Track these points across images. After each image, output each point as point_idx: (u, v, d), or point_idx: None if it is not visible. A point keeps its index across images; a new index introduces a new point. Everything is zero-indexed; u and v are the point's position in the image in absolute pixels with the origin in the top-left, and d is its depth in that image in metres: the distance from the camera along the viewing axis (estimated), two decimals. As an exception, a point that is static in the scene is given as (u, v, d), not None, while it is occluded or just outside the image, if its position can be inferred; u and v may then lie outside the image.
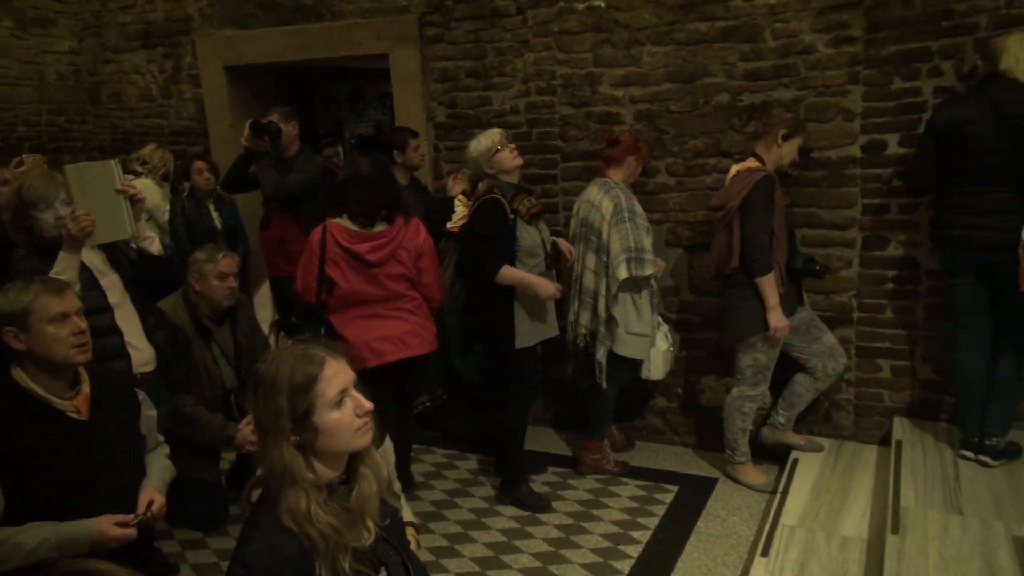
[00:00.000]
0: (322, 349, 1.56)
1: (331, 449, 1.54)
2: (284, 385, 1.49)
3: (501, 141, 3.43)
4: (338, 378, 1.53)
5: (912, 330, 3.58)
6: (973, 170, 3.00)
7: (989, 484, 3.02)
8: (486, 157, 3.43)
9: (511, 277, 3.32)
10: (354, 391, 1.56)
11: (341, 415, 1.52)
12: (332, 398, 1.51)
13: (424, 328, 3.37)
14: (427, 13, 4.32)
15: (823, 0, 3.44)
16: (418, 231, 3.33)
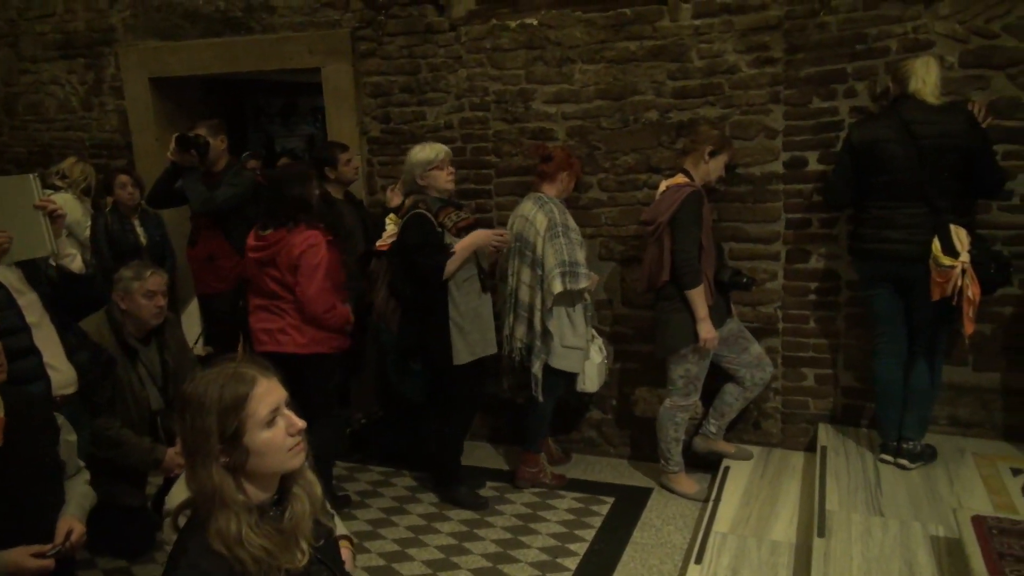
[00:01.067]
0: (253, 368, 1.53)
1: (263, 470, 1.50)
2: (213, 405, 1.46)
3: (444, 159, 3.44)
4: (269, 397, 1.50)
5: (834, 339, 3.73)
6: (887, 186, 3.15)
7: (907, 486, 3.16)
8: (422, 168, 3.43)
9: (456, 262, 3.35)
10: (286, 410, 1.53)
11: (273, 435, 1.49)
12: (263, 418, 1.48)
13: (297, 329, 3.36)
14: (359, 28, 4.30)
15: (745, 22, 3.57)
16: (299, 244, 3.27)
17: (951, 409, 3.57)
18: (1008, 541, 2.44)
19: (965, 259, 2.98)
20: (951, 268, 2.98)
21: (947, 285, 3.00)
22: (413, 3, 4.15)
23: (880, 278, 3.28)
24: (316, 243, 3.29)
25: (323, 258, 3.29)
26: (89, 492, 2.37)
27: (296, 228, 3.30)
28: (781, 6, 3.51)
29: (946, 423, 3.58)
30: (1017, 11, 3.19)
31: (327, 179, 4.00)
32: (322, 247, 3.30)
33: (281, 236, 3.30)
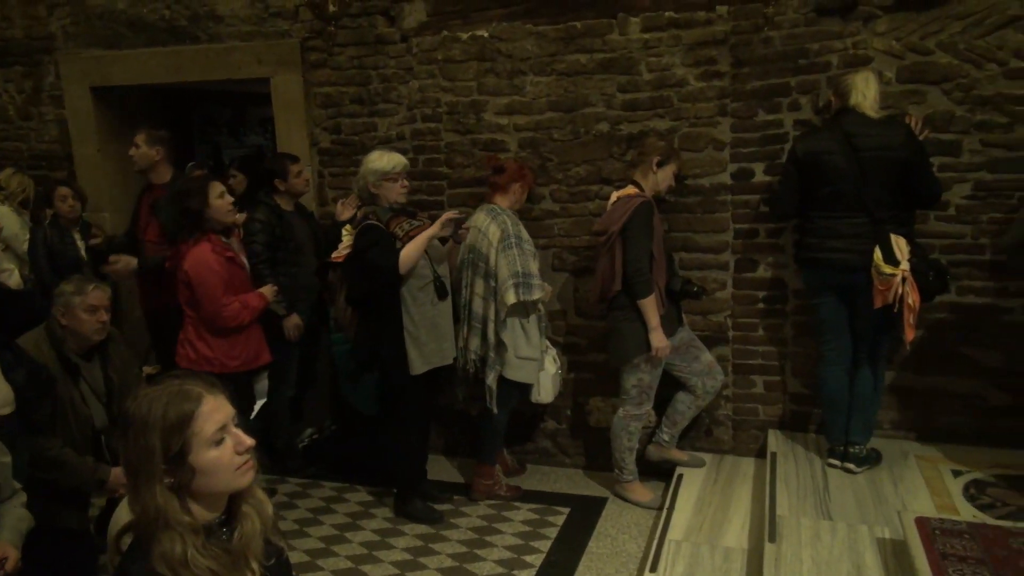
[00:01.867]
0: (199, 384, 1.49)
1: (210, 490, 1.47)
2: (156, 423, 1.41)
3: (400, 172, 3.44)
4: (216, 415, 1.46)
5: (782, 347, 3.80)
6: (830, 197, 3.23)
7: (854, 490, 3.23)
8: (376, 176, 3.41)
9: (412, 251, 3.31)
10: (234, 428, 1.50)
11: (220, 453, 1.45)
12: (210, 436, 1.44)
13: (189, 345, 3.45)
14: (309, 38, 4.26)
15: (692, 37, 3.64)
16: (188, 260, 3.35)
17: (894, 413, 3.67)
18: (950, 541, 2.51)
19: (905, 267, 3.07)
20: (892, 276, 3.06)
21: (888, 293, 3.08)
22: (363, 14, 4.13)
23: (825, 286, 3.36)
24: (202, 258, 3.33)
25: (212, 271, 3.33)
26: (25, 515, 2.28)
27: (189, 242, 3.35)
28: (727, 21, 3.58)
29: (890, 427, 3.68)
30: (950, 29, 3.32)
31: (277, 191, 3.95)
32: (209, 260, 3.33)
33: (179, 250, 3.38)
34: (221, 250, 3.41)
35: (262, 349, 3.65)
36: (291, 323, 3.91)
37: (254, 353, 3.59)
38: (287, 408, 4.18)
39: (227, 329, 3.44)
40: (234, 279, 3.46)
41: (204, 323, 3.44)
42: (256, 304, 3.53)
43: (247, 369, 3.58)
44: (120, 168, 4.76)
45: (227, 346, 3.47)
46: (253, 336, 3.59)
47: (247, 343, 3.55)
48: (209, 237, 3.39)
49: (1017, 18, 3.23)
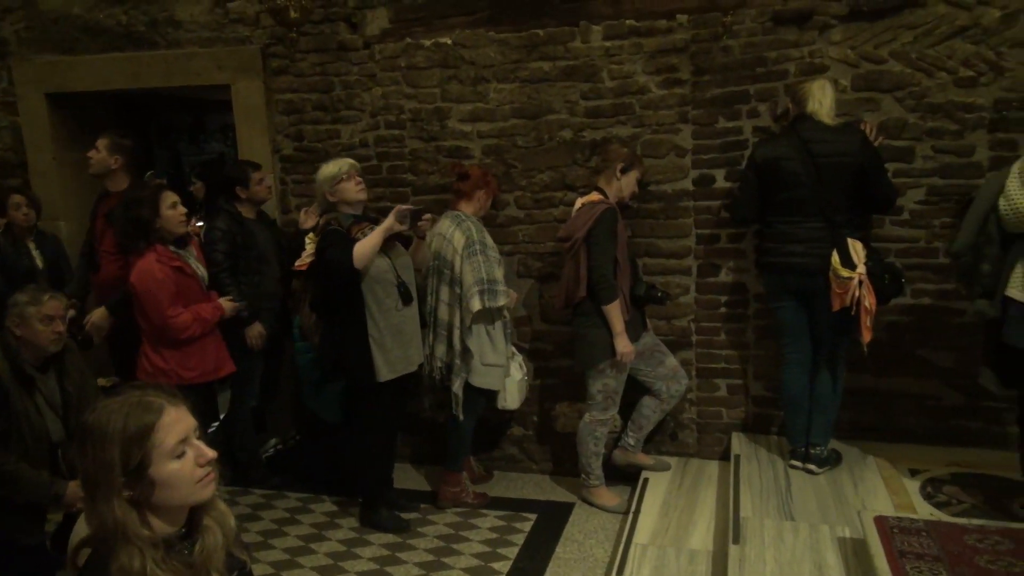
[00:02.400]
0: (161, 395, 1.46)
1: (170, 503, 1.44)
2: (116, 435, 1.39)
3: (348, 171, 3.40)
4: (178, 426, 1.44)
5: (744, 350, 3.86)
6: (788, 202, 3.29)
7: (815, 490, 3.28)
8: (329, 184, 3.40)
9: (367, 245, 3.24)
10: (195, 439, 1.47)
11: (181, 466, 1.43)
12: (171, 448, 1.42)
13: (146, 357, 3.43)
14: (270, 44, 4.23)
15: (653, 45, 3.69)
16: (134, 272, 3.33)
17: (853, 414, 3.73)
18: (908, 539, 2.57)
19: (862, 271, 3.13)
20: (849, 279, 3.13)
21: (846, 296, 3.14)
22: (326, 20, 4.11)
23: (785, 290, 3.41)
24: (147, 269, 3.30)
25: (157, 282, 3.30)
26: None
27: (136, 252, 3.34)
28: (687, 30, 3.63)
29: (849, 428, 3.75)
30: (902, 38, 3.41)
31: (238, 199, 3.91)
32: (154, 271, 3.30)
33: (129, 261, 3.37)
34: (168, 260, 3.37)
35: (223, 361, 3.60)
36: (254, 332, 3.86)
37: (213, 365, 3.54)
38: (250, 418, 4.13)
39: (180, 340, 3.39)
40: (185, 290, 3.42)
41: (156, 335, 3.39)
42: (209, 316, 3.48)
43: (207, 381, 3.53)
44: (76, 176, 4.66)
45: (182, 357, 3.43)
46: (211, 347, 3.55)
47: (204, 354, 3.50)
48: (156, 248, 3.35)
49: (965, 28, 3.33)
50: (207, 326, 3.48)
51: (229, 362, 3.62)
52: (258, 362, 4.00)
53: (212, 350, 3.55)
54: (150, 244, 3.35)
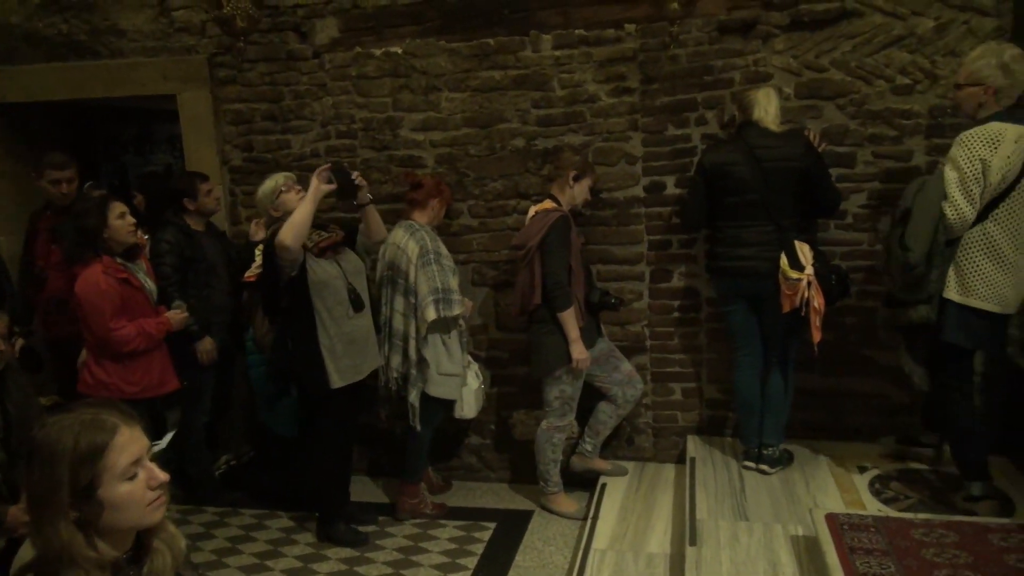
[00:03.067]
0: (115, 414, 1.41)
1: (118, 526, 1.40)
2: (66, 454, 1.33)
3: (285, 184, 3.41)
4: (131, 447, 1.39)
5: (697, 354, 3.91)
6: (737, 207, 3.35)
7: (769, 490, 3.34)
8: (270, 200, 3.40)
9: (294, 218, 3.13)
10: (148, 461, 1.43)
11: (132, 488, 1.38)
12: (123, 469, 1.37)
13: (87, 370, 3.36)
14: (217, 54, 4.17)
15: (602, 54, 3.73)
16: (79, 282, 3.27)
17: (804, 414, 3.81)
18: (857, 536, 2.63)
19: (810, 272, 3.20)
20: (798, 281, 3.20)
21: (795, 297, 3.21)
22: (274, 30, 4.07)
23: (736, 294, 3.47)
24: (92, 280, 3.24)
25: (100, 293, 3.23)
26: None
27: (82, 263, 3.27)
28: (635, 39, 3.69)
29: (800, 427, 3.82)
30: (841, 48, 3.50)
31: (186, 211, 3.84)
32: (99, 282, 3.24)
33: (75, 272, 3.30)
34: (114, 272, 3.30)
35: (168, 376, 3.53)
36: (204, 346, 3.78)
37: (157, 380, 3.46)
38: (202, 435, 4.04)
39: (123, 354, 3.32)
40: (130, 302, 3.35)
41: (98, 347, 3.31)
42: (154, 331, 3.40)
43: (149, 396, 3.44)
44: (17, 189, 4.53)
45: (124, 371, 3.35)
46: (156, 362, 3.47)
47: (148, 369, 3.42)
48: (102, 259, 3.28)
49: (901, 38, 3.44)
50: (152, 341, 3.40)
51: (174, 378, 3.55)
52: (209, 377, 3.92)
53: (157, 365, 3.47)
54: (97, 255, 3.27)
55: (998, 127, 2.74)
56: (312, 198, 3.18)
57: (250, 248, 3.87)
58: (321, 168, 3.24)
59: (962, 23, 3.38)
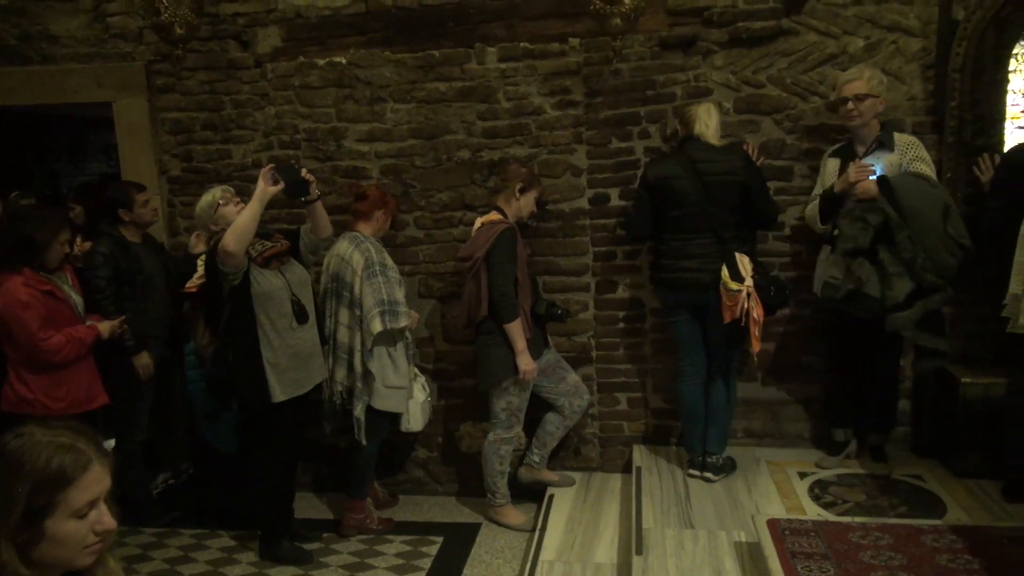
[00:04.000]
0: (92, 447, 1.34)
1: (48, 561, 1.31)
2: (33, 473, 1.27)
3: (223, 197, 3.37)
4: (95, 487, 1.33)
5: (642, 364, 3.96)
6: (680, 219, 3.41)
7: (713, 498, 3.39)
8: (208, 214, 3.36)
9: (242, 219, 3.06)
10: (103, 503, 1.36)
11: (78, 528, 1.31)
12: (78, 507, 1.30)
13: (9, 386, 3.24)
14: (155, 61, 4.07)
15: (547, 67, 3.76)
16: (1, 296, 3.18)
17: (746, 422, 3.89)
18: (798, 540, 2.69)
19: (749, 283, 3.28)
20: (738, 292, 3.26)
21: (736, 308, 3.28)
22: (214, 38, 4.00)
23: (679, 305, 3.53)
24: (13, 292, 3.15)
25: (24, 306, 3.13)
26: None
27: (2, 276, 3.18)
28: (579, 53, 3.73)
29: (742, 435, 3.90)
30: (777, 64, 3.61)
31: (121, 222, 3.72)
32: (21, 295, 3.14)
33: None
34: (36, 284, 3.19)
35: (96, 391, 3.40)
36: (141, 361, 3.67)
37: (84, 394, 3.33)
38: (139, 452, 3.90)
39: (51, 365, 3.20)
40: (55, 314, 3.23)
41: (24, 362, 3.20)
42: (85, 336, 3.28)
43: (75, 412, 3.30)
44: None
45: (49, 386, 3.23)
46: (83, 376, 3.34)
47: (75, 383, 3.30)
48: (23, 271, 3.17)
49: (834, 56, 3.56)
50: (83, 348, 3.28)
51: (102, 392, 3.42)
52: (146, 392, 3.80)
53: (84, 378, 3.34)
54: (15, 268, 3.16)
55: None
56: (258, 200, 3.10)
57: (190, 260, 3.77)
58: (266, 168, 3.16)
59: (891, 43, 3.51)
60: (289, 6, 3.92)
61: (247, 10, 3.95)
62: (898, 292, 3.07)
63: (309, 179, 3.30)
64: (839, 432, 3.61)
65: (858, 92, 3.22)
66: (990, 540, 2.65)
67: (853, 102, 3.23)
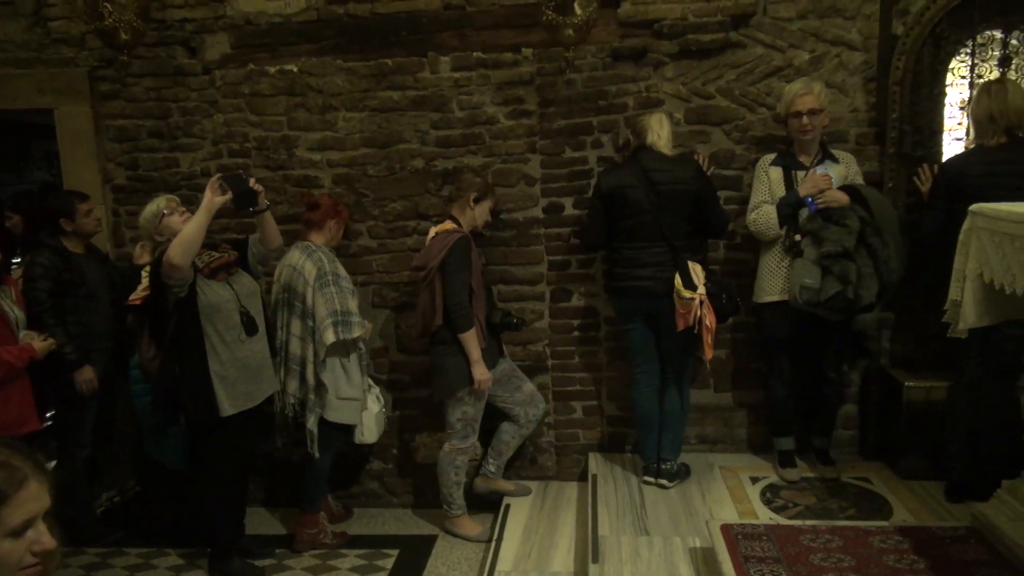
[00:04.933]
0: (28, 463, 1.27)
1: None
2: None
3: (168, 206, 3.31)
4: (31, 504, 1.26)
5: (597, 372, 3.98)
6: (633, 228, 3.44)
7: (667, 504, 3.42)
8: (153, 224, 3.29)
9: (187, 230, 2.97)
10: (41, 523, 1.29)
11: (13, 548, 1.25)
12: (14, 526, 1.24)
13: None
14: (99, 67, 3.97)
15: (500, 77, 3.77)
16: None
17: (699, 428, 3.94)
18: (751, 544, 2.72)
19: (702, 291, 3.32)
20: (691, 300, 3.31)
21: (689, 315, 3.32)
22: (161, 44, 3.92)
23: (634, 313, 3.56)
24: None
25: None
26: None
27: None
28: (532, 63, 3.75)
29: (696, 441, 3.94)
30: (726, 76, 3.68)
31: (63, 232, 3.60)
32: None
33: None
34: None
35: (28, 414, 3.15)
36: (83, 376, 3.55)
37: (16, 417, 3.08)
38: (82, 470, 3.77)
39: None
40: None
41: None
42: (11, 359, 3.04)
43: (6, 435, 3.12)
44: None
45: None
46: (14, 398, 3.09)
47: (4, 406, 3.05)
48: None
49: (780, 68, 3.64)
50: (10, 370, 3.04)
51: (34, 417, 3.18)
52: (89, 408, 3.68)
53: (15, 401, 3.10)
54: None
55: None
56: (205, 211, 3.03)
57: (134, 271, 3.67)
58: (214, 178, 3.10)
59: (834, 56, 3.61)
60: (239, 13, 3.86)
61: (195, 16, 3.88)
62: (870, 293, 3.20)
63: (258, 189, 3.25)
64: (784, 440, 3.68)
65: (812, 107, 3.32)
66: (933, 540, 2.72)
67: (807, 117, 3.32)
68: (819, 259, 3.23)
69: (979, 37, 3.52)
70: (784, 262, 3.42)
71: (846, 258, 3.21)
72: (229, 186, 3.09)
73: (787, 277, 3.39)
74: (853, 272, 3.19)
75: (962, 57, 3.56)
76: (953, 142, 3.60)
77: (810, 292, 3.22)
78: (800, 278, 3.26)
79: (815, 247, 3.26)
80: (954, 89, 3.59)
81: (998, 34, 3.51)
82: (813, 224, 3.30)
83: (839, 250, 3.21)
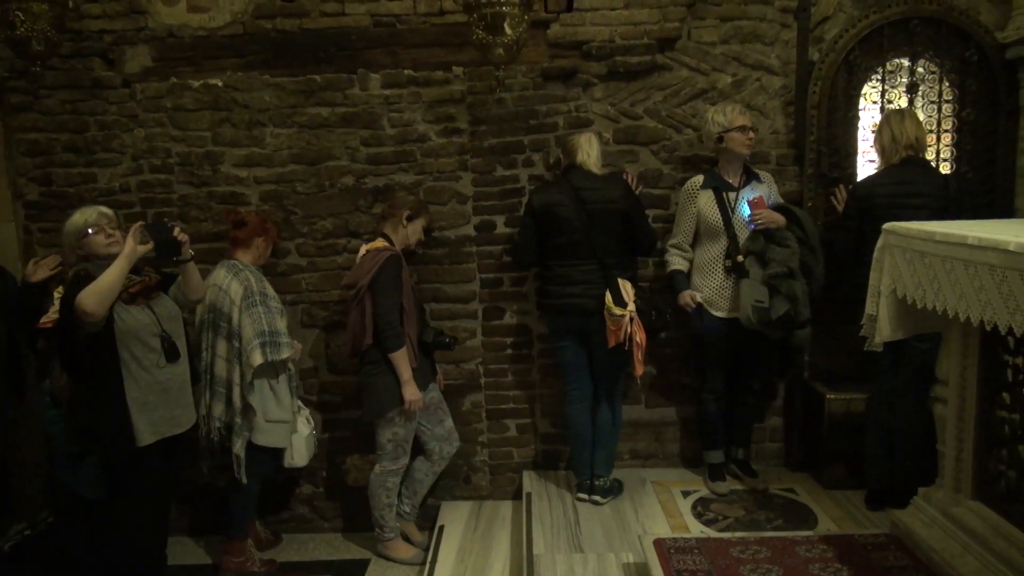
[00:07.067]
0: None
1: None
2: None
3: (96, 222, 3.04)
4: None
5: (530, 390, 3.98)
6: (564, 246, 3.47)
7: (601, 520, 3.44)
8: (76, 238, 3.05)
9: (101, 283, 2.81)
10: None
11: None
12: None
13: None
14: (9, 78, 3.79)
15: (431, 95, 3.77)
16: None
17: (631, 444, 3.98)
18: (683, 558, 2.76)
19: (632, 309, 3.37)
20: (621, 317, 3.35)
21: (620, 332, 3.36)
22: (77, 55, 3.77)
23: (566, 330, 3.58)
24: None
25: None
26: None
27: None
28: (463, 81, 3.76)
29: (628, 457, 3.99)
30: (653, 97, 3.77)
31: (-32, 251, 3.40)
32: None
33: None
34: None
35: None
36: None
37: None
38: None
39: None
40: None
41: None
42: None
43: None
44: None
45: None
46: None
47: None
48: None
49: (705, 91, 3.75)
50: None
51: None
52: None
53: None
54: None
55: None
56: (125, 259, 2.86)
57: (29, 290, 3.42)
58: (135, 226, 2.92)
59: (755, 80, 3.74)
60: (160, 25, 3.76)
61: (114, 27, 3.75)
62: (807, 310, 3.37)
63: (182, 239, 3.07)
64: (714, 454, 3.75)
65: (748, 124, 3.47)
66: (856, 548, 2.81)
67: (753, 131, 3.47)
68: (766, 279, 3.35)
69: (888, 64, 3.71)
70: (728, 281, 3.50)
71: (791, 277, 3.34)
72: (151, 235, 2.94)
73: (732, 297, 3.48)
74: (799, 290, 3.34)
75: (873, 83, 3.74)
76: (867, 163, 3.76)
77: (761, 312, 3.32)
78: (750, 298, 3.35)
79: (760, 267, 3.38)
80: (866, 113, 3.77)
81: (906, 62, 3.70)
82: (756, 244, 3.42)
83: (785, 271, 3.33)
